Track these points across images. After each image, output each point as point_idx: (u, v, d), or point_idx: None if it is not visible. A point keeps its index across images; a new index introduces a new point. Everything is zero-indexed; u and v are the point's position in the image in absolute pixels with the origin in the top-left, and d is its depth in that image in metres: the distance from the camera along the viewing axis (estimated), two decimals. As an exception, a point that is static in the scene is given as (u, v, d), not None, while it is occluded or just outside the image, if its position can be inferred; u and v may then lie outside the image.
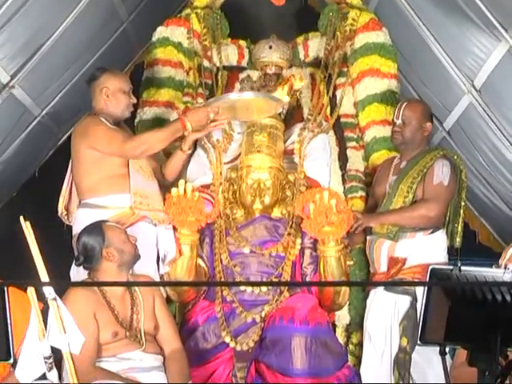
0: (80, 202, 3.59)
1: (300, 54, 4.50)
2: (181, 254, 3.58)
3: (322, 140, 4.15)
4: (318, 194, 3.53)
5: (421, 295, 3.25)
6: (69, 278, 3.45)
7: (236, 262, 3.70)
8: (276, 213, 3.83)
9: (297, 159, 4.06)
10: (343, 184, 4.23)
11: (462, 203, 3.86)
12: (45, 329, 2.27)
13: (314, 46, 4.48)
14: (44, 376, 2.34)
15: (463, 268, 2.13)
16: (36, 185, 4.87)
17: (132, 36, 4.93)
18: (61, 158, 4.30)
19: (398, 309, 3.69)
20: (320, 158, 4.07)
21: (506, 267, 2.15)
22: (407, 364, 3.60)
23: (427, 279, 2.19)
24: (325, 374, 3.42)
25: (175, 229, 3.59)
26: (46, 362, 2.31)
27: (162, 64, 4.34)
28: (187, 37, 4.38)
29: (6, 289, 2.15)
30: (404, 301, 3.66)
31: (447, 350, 2.25)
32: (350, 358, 3.85)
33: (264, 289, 3.64)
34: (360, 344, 3.92)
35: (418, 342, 2.20)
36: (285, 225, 3.78)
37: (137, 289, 3.22)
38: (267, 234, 3.76)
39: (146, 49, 4.76)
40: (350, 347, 4.00)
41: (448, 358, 3.00)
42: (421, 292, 3.31)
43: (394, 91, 4.31)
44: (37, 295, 2.24)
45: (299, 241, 3.74)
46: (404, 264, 3.71)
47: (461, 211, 3.86)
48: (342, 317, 4.00)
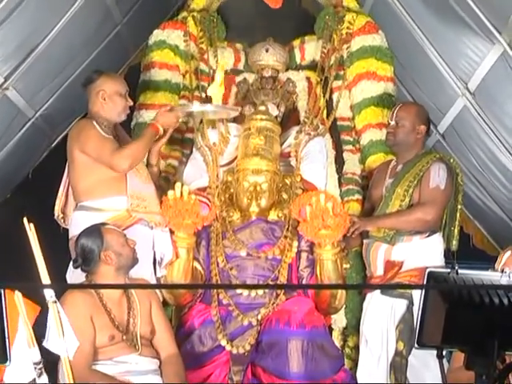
0: (76, 205, 3.58)
1: (296, 57, 4.50)
2: (177, 257, 3.58)
3: (318, 143, 4.15)
4: (314, 196, 3.53)
5: (417, 299, 3.23)
6: (65, 281, 3.43)
7: (232, 265, 3.70)
8: (272, 216, 3.83)
9: (293, 162, 4.07)
10: (339, 187, 4.23)
11: (458, 206, 3.87)
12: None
13: (311, 49, 4.48)
14: (34, 382, 2.33)
15: (460, 271, 2.13)
16: (30, 187, 4.85)
17: (126, 38, 4.92)
18: (55, 159, 4.30)
19: (394, 312, 3.69)
20: (316, 160, 4.08)
21: (503, 271, 2.14)
22: (403, 368, 3.61)
23: (424, 282, 2.18)
24: (321, 377, 3.41)
25: (172, 232, 3.58)
26: (35, 368, 2.29)
27: (159, 67, 4.34)
28: (184, 40, 4.38)
29: (2, 291, 2.14)
30: (400, 304, 3.66)
31: (444, 353, 2.25)
32: (346, 362, 3.85)
33: (260, 292, 3.63)
34: (356, 347, 3.91)
35: (416, 345, 2.19)
36: (281, 228, 3.78)
37: (134, 293, 3.20)
38: (264, 237, 3.75)
39: (141, 51, 4.75)
40: (347, 350, 4.00)
41: (445, 361, 3.01)
42: (417, 296, 3.30)
43: (391, 94, 4.32)
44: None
45: (296, 244, 3.74)
46: (401, 268, 3.72)
47: (457, 214, 3.87)
48: (339, 320, 4.00)
